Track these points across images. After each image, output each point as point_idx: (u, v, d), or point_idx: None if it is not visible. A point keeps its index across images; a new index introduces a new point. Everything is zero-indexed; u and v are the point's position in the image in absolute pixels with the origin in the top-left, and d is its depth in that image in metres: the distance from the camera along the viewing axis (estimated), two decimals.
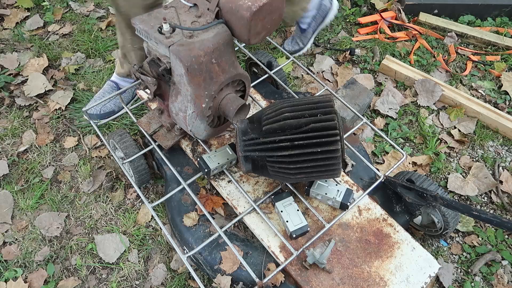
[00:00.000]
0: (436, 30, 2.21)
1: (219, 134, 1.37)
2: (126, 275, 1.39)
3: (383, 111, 1.83)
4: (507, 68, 2.04)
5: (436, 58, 2.08)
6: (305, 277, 1.11)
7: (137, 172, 1.41)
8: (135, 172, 1.40)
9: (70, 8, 2.25)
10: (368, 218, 1.21)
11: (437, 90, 1.88)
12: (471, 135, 1.79)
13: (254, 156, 1.08)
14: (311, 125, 1.00)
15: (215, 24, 1.06)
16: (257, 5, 0.97)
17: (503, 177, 1.65)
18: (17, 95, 1.83)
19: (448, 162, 1.71)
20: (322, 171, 1.06)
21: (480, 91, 1.97)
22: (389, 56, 2.04)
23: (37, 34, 2.10)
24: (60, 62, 1.97)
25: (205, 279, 1.33)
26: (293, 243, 1.15)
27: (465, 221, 1.52)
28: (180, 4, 1.12)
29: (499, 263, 1.44)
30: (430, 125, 1.83)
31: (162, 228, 1.18)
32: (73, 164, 1.64)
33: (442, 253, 1.46)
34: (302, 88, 1.95)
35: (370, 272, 1.12)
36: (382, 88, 1.94)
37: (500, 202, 1.59)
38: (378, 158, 1.71)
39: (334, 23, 2.24)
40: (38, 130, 1.73)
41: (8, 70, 1.91)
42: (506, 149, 1.77)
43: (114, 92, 1.57)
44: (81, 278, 1.38)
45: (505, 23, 2.25)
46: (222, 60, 1.08)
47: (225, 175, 1.28)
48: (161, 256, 1.43)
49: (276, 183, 1.28)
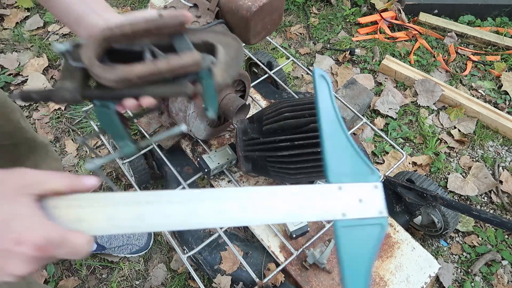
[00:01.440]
0: (436, 30, 2.21)
1: (219, 134, 1.37)
2: (126, 275, 1.39)
3: (383, 111, 1.83)
4: (507, 68, 2.04)
5: (436, 58, 2.08)
6: (305, 277, 1.11)
7: (137, 172, 1.41)
8: (135, 172, 1.40)
9: None
10: None
11: (437, 90, 1.88)
12: (471, 135, 1.79)
13: (254, 156, 1.08)
14: (311, 125, 1.00)
15: (215, 24, 1.06)
16: (257, 5, 0.97)
17: (503, 177, 1.65)
18: None
19: (448, 162, 1.71)
20: (322, 171, 1.05)
21: (480, 91, 1.97)
22: (389, 56, 2.04)
23: (37, 34, 2.10)
24: (60, 62, 1.97)
25: (205, 279, 1.33)
26: (293, 243, 1.15)
27: (465, 221, 1.52)
28: (180, 4, 1.12)
29: (499, 263, 1.44)
30: (430, 125, 1.83)
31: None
32: (73, 164, 1.64)
33: (442, 253, 1.46)
34: (302, 88, 1.95)
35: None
36: (382, 88, 1.94)
37: (500, 202, 1.59)
38: (378, 158, 1.71)
39: (334, 23, 2.24)
40: (38, 130, 1.73)
41: (8, 70, 1.91)
42: (506, 149, 1.77)
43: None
44: (81, 278, 1.38)
45: (505, 23, 2.24)
46: None
47: (225, 175, 1.28)
48: (161, 256, 1.43)
49: (276, 183, 1.28)
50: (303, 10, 2.31)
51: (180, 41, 0.57)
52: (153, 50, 0.56)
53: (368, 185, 0.53)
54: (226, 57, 0.59)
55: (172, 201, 0.46)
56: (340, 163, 0.55)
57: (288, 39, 2.17)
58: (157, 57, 0.55)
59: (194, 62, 0.52)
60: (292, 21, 2.25)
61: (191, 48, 0.57)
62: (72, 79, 0.52)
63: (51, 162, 1.10)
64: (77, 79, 0.52)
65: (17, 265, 0.40)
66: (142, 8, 2.26)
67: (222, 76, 0.58)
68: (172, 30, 0.56)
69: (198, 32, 0.61)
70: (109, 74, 0.49)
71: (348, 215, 0.50)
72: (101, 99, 0.54)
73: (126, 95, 0.54)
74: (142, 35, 0.54)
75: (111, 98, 0.54)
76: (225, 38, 0.62)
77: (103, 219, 0.44)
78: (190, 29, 0.60)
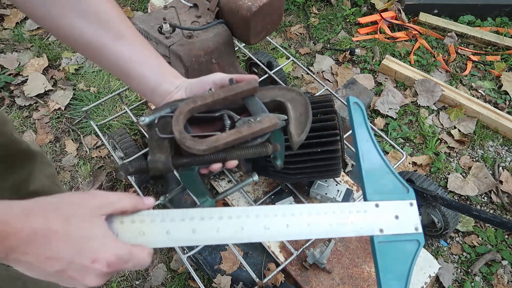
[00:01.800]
0: (436, 30, 2.21)
1: None
2: (126, 275, 1.39)
3: (383, 111, 1.83)
4: (507, 68, 2.04)
5: (436, 58, 2.08)
6: (305, 277, 1.11)
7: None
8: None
9: None
10: None
11: (437, 90, 1.88)
12: (471, 135, 1.79)
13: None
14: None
15: (215, 24, 1.06)
16: (257, 5, 0.97)
17: (503, 177, 1.65)
18: (17, 95, 1.83)
19: (448, 162, 1.71)
20: (322, 171, 1.05)
21: (480, 91, 1.97)
22: (389, 56, 2.04)
23: (37, 34, 2.10)
24: (60, 62, 1.97)
25: (205, 279, 1.33)
26: (293, 243, 1.15)
27: (465, 221, 1.52)
28: (180, 4, 1.12)
29: (499, 263, 1.44)
30: (430, 125, 1.83)
31: None
32: (73, 164, 1.64)
33: (442, 253, 1.46)
34: (302, 88, 1.95)
35: (370, 272, 1.12)
36: (382, 88, 1.94)
37: (500, 202, 1.59)
38: None
39: (334, 23, 2.24)
40: (38, 130, 1.73)
41: (8, 70, 1.91)
42: (506, 149, 1.77)
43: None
44: None
45: (505, 23, 2.24)
46: (222, 60, 1.08)
47: (225, 175, 1.28)
48: (161, 256, 1.43)
49: (276, 183, 1.28)
50: (303, 10, 2.31)
51: (253, 102, 0.62)
52: (231, 115, 0.61)
53: (403, 202, 0.57)
54: (296, 113, 0.64)
55: (222, 216, 0.52)
56: (376, 182, 0.59)
57: (288, 39, 2.17)
58: (234, 120, 0.61)
59: (272, 125, 0.58)
60: (292, 21, 2.25)
61: (265, 110, 0.61)
62: (161, 149, 0.58)
63: (45, 168, 1.13)
64: (166, 149, 0.58)
65: (92, 279, 0.47)
66: (142, 8, 2.26)
67: (297, 133, 0.62)
68: (246, 94, 0.61)
69: (265, 89, 0.66)
70: (199, 146, 0.54)
71: (386, 231, 0.54)
72: (191, 166, 0.59)
73: (214, 161, 0.59)
74: (220, 102, 0.60)
75: (200, 164, 0.59)
76: (290, 94, 0.66)
77: (162, 233, 0.51)
78: (259, 88, 0.64)
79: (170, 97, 0.64)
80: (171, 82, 0.65)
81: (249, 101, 0.62)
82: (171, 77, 0.66)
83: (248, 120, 0.59)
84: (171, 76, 0.66)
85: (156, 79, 0.64)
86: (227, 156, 0.59)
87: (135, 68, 0.63)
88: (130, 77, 0.64)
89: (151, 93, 0.66)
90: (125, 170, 0.58)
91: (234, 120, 0.61)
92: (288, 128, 0.62)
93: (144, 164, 0.58)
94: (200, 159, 0.58)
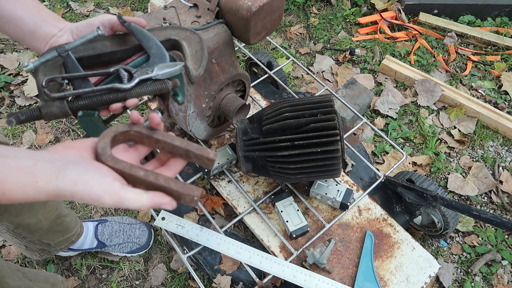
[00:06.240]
0: (436, 30, 2.21)
1: (219, 134, 1.37)
2: (126, 275, 1.39)
3: (383, 111, 1.83)
4: (507, 68, 2.04)
5: (436, 58, 2.08)
6: None
7: None
8: None
9: (70, 8, 2.25)
10: (368, 218, 1.21)
11: (437, 90, 1.88)
12: (471, 135, 1.79)
13: (254, 156, 1.08)
14: (311, 125, 1.00)
15: (215, 24, 1.06)
16: (257, 5, 0.97)
17: (503, 177, 1.65)
18: (17, 95, 1.83)
19: (448, 162, 1.71)
20: (322, 171, 1.05)
21: (480, 91, 1.97)
22: (389, 56, 2.04)
23: None
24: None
25: (205, 279, 1.33)
26: (293, 243, 1.15)
27: (465, 221, 1.52)
28: (180, 4, 1.12)
29: (499, 263, 1.44)
30: (430, 125, 1.83)
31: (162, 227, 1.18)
32: None
33: (442, 253, 1.46)
34: (302, 88, 1.95)
35: None
36: (382, 88, 1.94)
37: (500, 202, 1.59)
38: (378, 158, 1.71)
39: (334, 23, 2.24)
40: (38, 130, 1.73)
41: (8, 70, 1.91)
42: (506, 149, 1.77)
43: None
44: (81, 278, 1.38)
45: (505, 23, 2.25)
46: (222, 60, 1.08)
47: (225, 175, 1.28)
48: (161, 256, 1.43)
49: (276, 183, 1.28)
50: (303, 10, 2.31)
51: (146, 38, 0.64)
52: (127, 69, 0.61)
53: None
54: (191, 50, 0.67)
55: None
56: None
57: (288, 39, 2.17)
58: (132, 73, 0.61)
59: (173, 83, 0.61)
60: (292, 21, 2.25)
61: (159, 45, 0.63)
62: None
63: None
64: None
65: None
66: (142, 8, 2.26)
67: (194, 68, 0.65)
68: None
69: (158, 30, 0.68)
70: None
71: None
72: (90, 108, 0.59)
73: (113, 101, 0.59)
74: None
75: (98, 105, 0.59)
76: (185, 33, 0.69)
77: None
78: (151, 29, 0.67)
79: (54, 41, 0.60)
80: (53, 25, 0.60)
81: (141, 37, 0.63)
82: (52, 20, 0.61)
83: (146, 71, 0.60)
84: (52, 18, 0.61)
85: (35, 21, 0.59)
86: (127, 95, 0.58)
87: (6, 8, 0.58)
88: (3, 19, 0.59)
89: (30, 37, 0.61)
90: (16, 117, 0.55)
91: (132, 72, 0.60)
92: (186, 64, 0.63)
93: (36, 111, 0.56)
94: (98, 99, 0.58)
